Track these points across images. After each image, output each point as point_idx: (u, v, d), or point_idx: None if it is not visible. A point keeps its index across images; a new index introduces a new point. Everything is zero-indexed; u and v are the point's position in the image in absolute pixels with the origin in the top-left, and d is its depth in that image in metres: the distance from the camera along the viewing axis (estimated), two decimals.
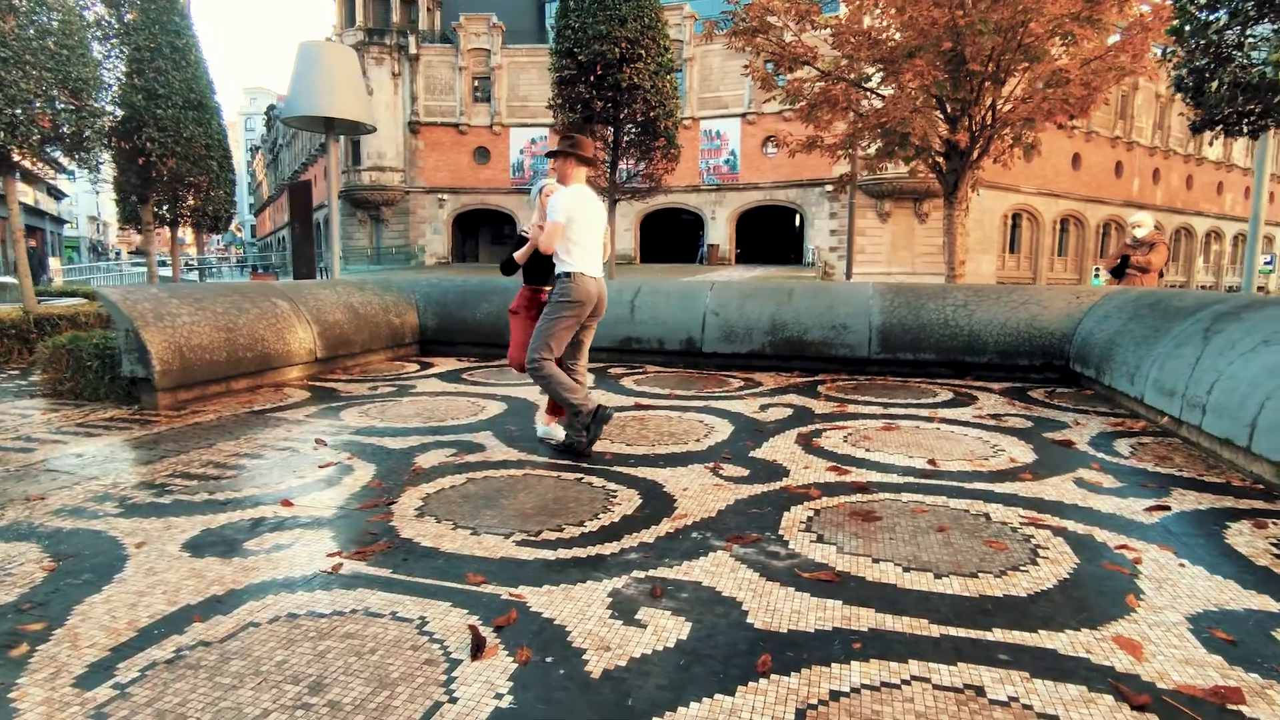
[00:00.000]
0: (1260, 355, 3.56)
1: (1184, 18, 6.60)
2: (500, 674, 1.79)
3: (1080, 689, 1.73)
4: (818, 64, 10.92)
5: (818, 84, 11.17)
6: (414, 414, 4.79)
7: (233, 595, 2.20)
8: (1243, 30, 5.96)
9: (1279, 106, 6.12)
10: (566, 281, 3.71)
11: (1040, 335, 6.19)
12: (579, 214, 3.69)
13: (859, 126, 10.60)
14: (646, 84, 14.40)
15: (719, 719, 1.62)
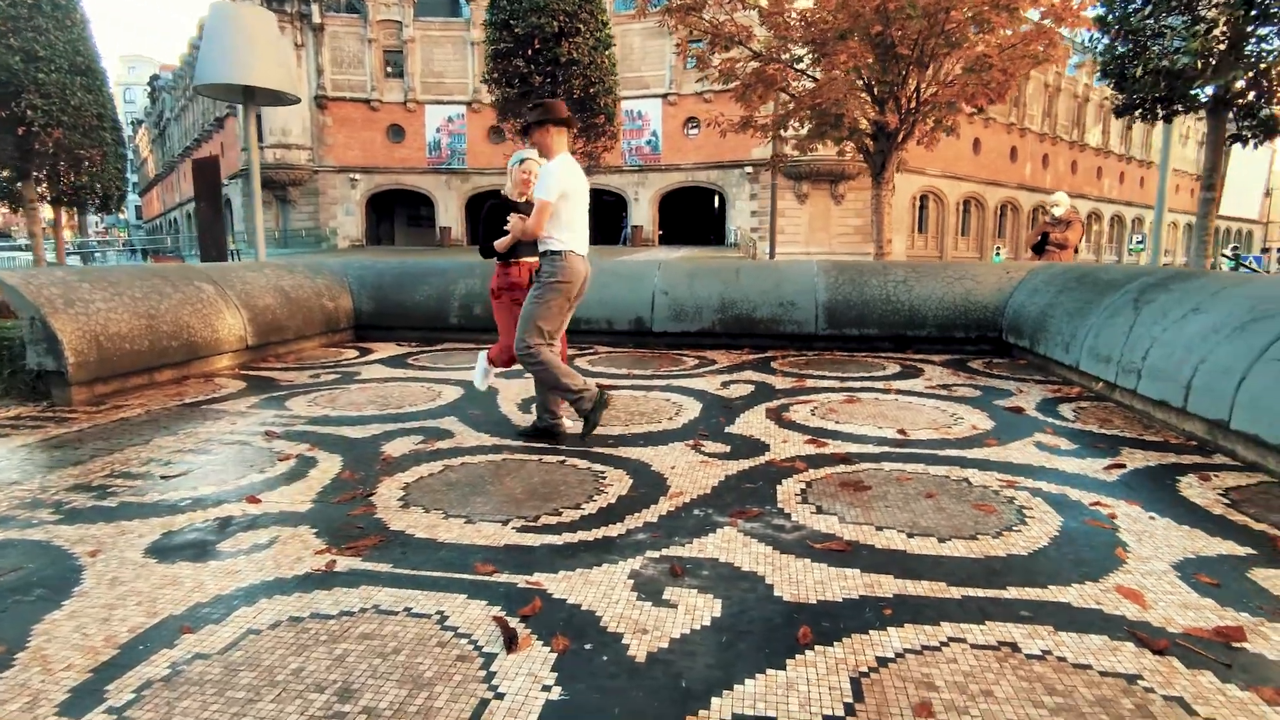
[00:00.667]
0: (1191, 322, 3.85)
1: (1109, 6, 7.02)
2: (541, 665, 1.71)
3: (1103, 639, 1.82)
4: (751, 44, 10.99)
5: (751, 64, 11.25)
6: (367, 401, 4.55)
7: (221, 602, 2.01)
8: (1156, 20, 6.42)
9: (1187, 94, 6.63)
10: (558, 260, 3.48)
11: (975, 309, 6.50)
12: (571, 188, 3.46)
13: (791, 107, 10.77)
14: (585, 59, 14.05)
15: (777, 693, 1.60)
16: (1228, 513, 2.68)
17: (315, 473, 3.14)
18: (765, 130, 12.00)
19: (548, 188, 3.37)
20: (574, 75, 14.27)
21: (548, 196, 3.36)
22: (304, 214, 36.68)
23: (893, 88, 9.74)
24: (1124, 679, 1.65)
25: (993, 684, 1.63)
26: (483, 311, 7.15)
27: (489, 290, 4.16)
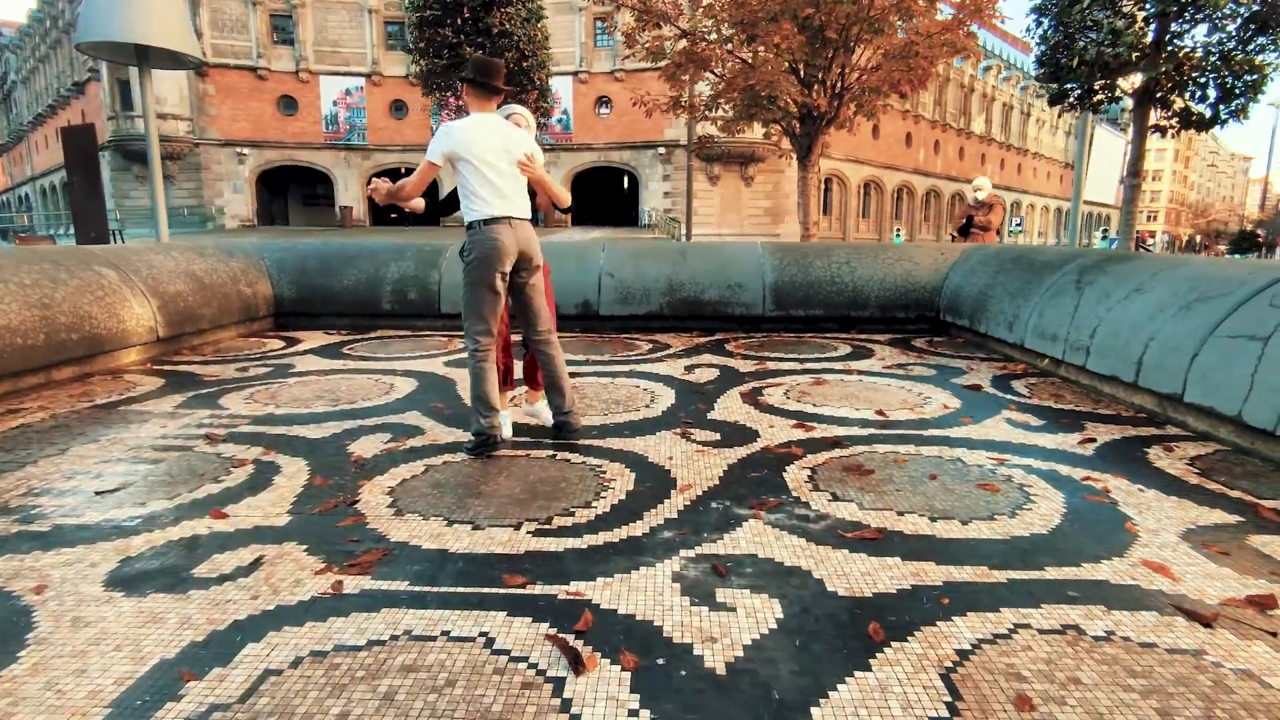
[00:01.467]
0: (1135, 302, 4.09)
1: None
2: (618, 687, 1.57)
3: (1153, 615, 1.86)
4: (680, 22, 10.85)
5: (680, 43, 11.12)
6: (314, 397, 4.17)
7: (220, 639, 1.74)
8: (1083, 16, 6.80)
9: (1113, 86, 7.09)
10: (467, 235, 3.20)
11: (914, 289, 6.72)
12: (471, 151, 3.09)
13: (721, 88, 10.75)
14: (518, 30, 13.35)
15: (874, 697, 1.54)
16: (1203, 481, 2.85)
17: (281, 480, 2.83)
18: (694, 110, 11.95)
19: (430, 148, 3.15)
20: (508, 48, 13.54)
21: (428, 157, 3.16)
22: (185, 190, 33.75)
23: (820, 71, 9.91)
24: (1190, 655, 1.69)
25: (1075, 670, 1.63)
26: (418, 296, 6.76)
27: None
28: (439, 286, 6.77)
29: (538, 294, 3.38)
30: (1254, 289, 3.43)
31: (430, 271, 6.81)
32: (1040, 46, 7.68)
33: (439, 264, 6.85)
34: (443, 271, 6.80)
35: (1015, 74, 57.32)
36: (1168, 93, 7.00)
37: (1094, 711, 1.49)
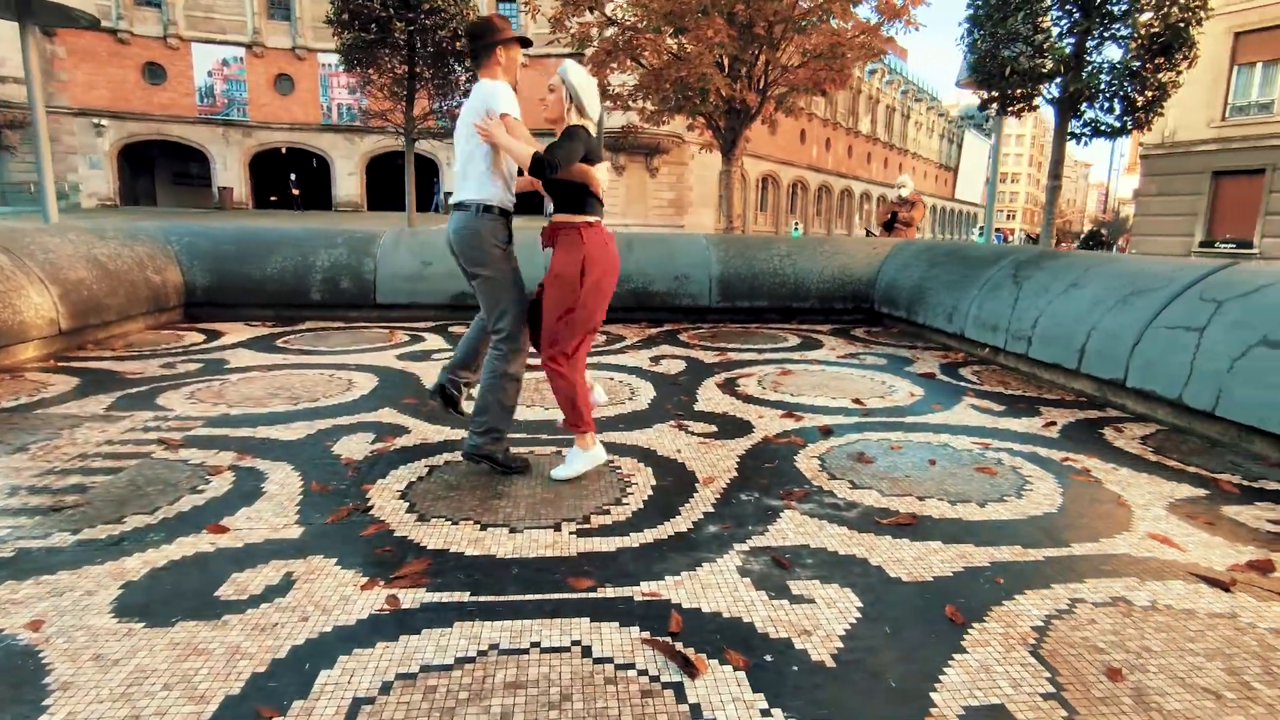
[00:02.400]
0: (1074, 296, 4.44)
1: (985, 7, 7.86)
2: (738, 686, 1.54)
3: (1180, 583, 2.04)
4: (606, 9, 10.68)
5: (607, 31, 10.97)
6: (267, 394, 3.83)
7: (285, 669, 1.57)
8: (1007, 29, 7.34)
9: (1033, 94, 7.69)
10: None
11: (851, 282, 7.00)
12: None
13: (648, 79, 10.71)
14: (450, 6, 12.53)
15: (982, 678, 1.59)
16: (1161, 459, 3.15)
17: (273, 488, 2.58)
18: (619, 101, 11.88)
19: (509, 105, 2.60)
20: (439, 25, 12.68)
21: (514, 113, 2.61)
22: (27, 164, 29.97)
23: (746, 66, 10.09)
24: (1227, 618, 1.86)
25: (1141, 639, 1.76)
26: (351, 286, 6.36)
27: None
28: (374, 275, 6.39)
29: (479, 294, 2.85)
30: (1184, 284, 3.82)
31: (365, 260, 6.41)
32: (970, 55, 8.24)
33: (373, 252, 6.46)
34: (378, 260, 6.42)
35: (896, 78, 60.84)
36: (1080, 104, 7.71)
37: (1174, 676, 1.61)
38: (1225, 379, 3.28)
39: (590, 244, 2.62)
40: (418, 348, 5.24)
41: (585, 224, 2.64)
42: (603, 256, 2.65)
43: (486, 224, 2.71)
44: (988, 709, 1.50)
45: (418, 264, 6.46)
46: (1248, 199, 19.44)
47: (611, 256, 2.71)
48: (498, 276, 2.77)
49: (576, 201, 2.64)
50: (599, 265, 2.63)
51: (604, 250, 2.66)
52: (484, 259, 2.74)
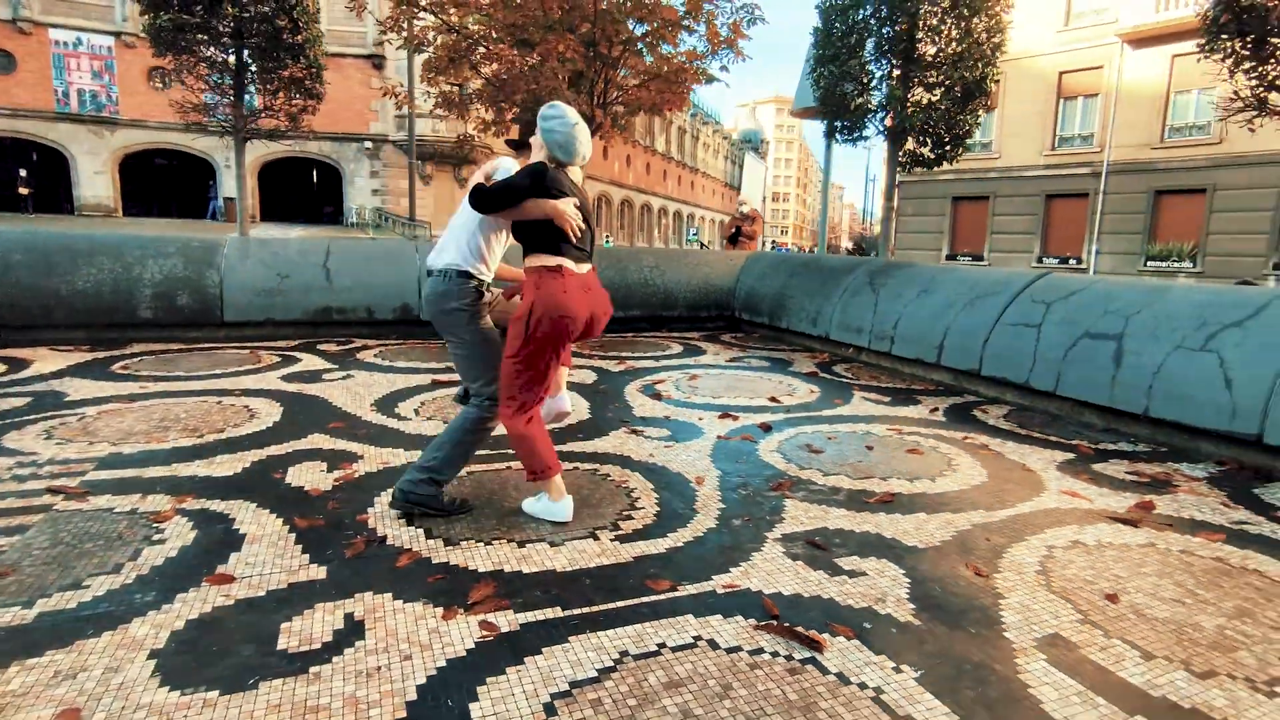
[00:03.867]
0: (927, 301, 5.21)
1: (828, 48, 8.78)
2: (861, 652, 1.71)
3: (1106, 525, 2.55)
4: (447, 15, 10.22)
5: (444, 37, 10.51)
6: (155, 429, 3.29)
7: (427, 710, 1.46)
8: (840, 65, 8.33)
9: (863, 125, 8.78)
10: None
11: (714, 291, 7.49)
12: None
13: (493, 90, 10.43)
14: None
15: (1032, 611, 1.90)
16: (1029, 432, 3.84)
17: (252, 528, 2.28)
18: (463, 110, 11.44)
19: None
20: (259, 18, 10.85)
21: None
22: None
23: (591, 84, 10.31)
24: (1150, 546, 2.38)
25: (1109, 569, 2.20)
26: (192, 301, 5.58)
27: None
28: (220, 290, 5.65)
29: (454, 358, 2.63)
30: (1017, 289, 4.66)
31: (207, 272, 5.65)
32: (817, 89, 9.27)
33: (216, 263, 5.71)
34: (224, 272, 5.69)
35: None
36: (904, 137, 8.98)
37: (1147, 594, 2.05)
38: (1062, 365, 4.07)
39: (541, 289, 2.35)
40: (296, 369, 4.75)
41: (542, 268, 2.37)
42: (552, 303, 2.34)
43: (455, 287, 2.48)
44: (1049, 638, 1.81)
45: (272, 277, 5.83)
46: (979, 220, 23.60)
47: (567, 303, 2.35)
48: (470, 339, 2.50)
49: (543, 244, 2.39)
50: (550, 312, 2.34)
51: (557, 297, 2.34)
52: (454, 322, 2.49)
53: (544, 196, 2.35)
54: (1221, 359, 3.36)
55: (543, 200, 2.35)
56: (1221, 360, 3.36)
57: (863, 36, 8.69)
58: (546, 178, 2.36)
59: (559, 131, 2.42)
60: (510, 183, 2.34)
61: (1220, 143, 18.36)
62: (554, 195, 2.36)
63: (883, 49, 8.63)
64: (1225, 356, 3.36)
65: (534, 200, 2.34)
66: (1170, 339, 3.61)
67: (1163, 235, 19.74)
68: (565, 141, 2.41)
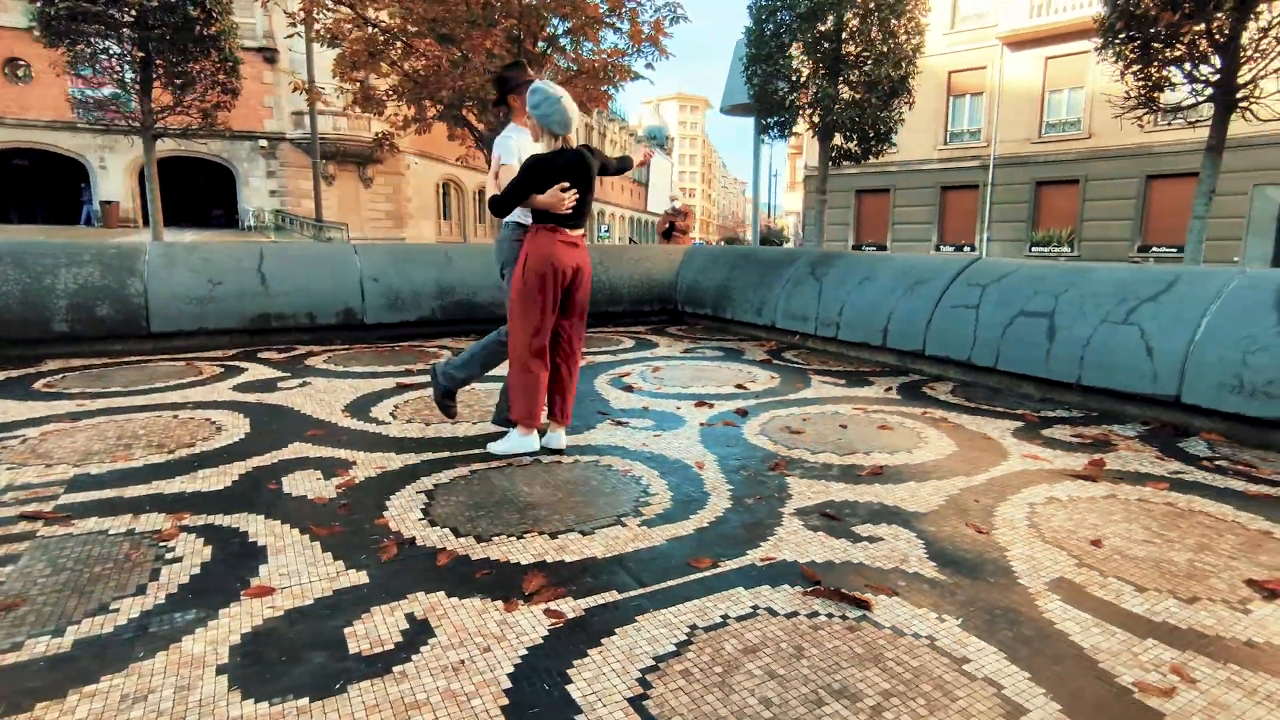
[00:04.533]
0: (870, 288, 5.52)
1: (760, 47, 8.98)
2: (906, 607, 1.86)
3: (1070, 482, 2.84)
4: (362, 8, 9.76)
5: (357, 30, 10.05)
6: (115, 447, 3.08)
7: (526, 697, 1.49)
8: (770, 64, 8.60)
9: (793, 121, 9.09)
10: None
11: (657, 285, 7.62)
12: None
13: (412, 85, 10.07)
14: None
15: (1034, 563, 2.11)
16: (977, 405, 4.16)
17: (270, 540, 2.20)
18: (377, 106, 10.99)
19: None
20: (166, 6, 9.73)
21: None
22: None
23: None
24: (1111, 497, 2.67)
25: (1085, 519, 2.45)
26: (113, 313, 5.19)
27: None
28: (145, 299, 5.28)
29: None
30: (953, 274, 5.02)
31: (129, 280, 5.26)
32: (750, 87, 9.49)
33: (139, 270, 5.33)
34: (148, 280, 5.32)
35: None
36: (831, 134, 9.36)
37: (1122, 536, 2.31)
38: (1000, 342, 4.43)
39: (534, 242, 2.96)
40: (245, 379, 4.53)
41: (539, 226, 2.97)
42: (541, 253, 2.92)
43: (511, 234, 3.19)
44: (1056, 581, 2.02)
45: (203, 284, 5.50)
46: (881, 212, 24.87)
47: (554, 252, 2.93)
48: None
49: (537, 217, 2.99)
50: (537, 259, 2.93)
51: (544, 247, 2.92)
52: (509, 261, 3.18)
53: (534, 191, 2.86)
54: (1142, 330, 3.77)
55: (534, 197, 2.88)
56: (1142, 331, 3.77)
57: (791, 36, 9.07)
58: (532, 177, 2.85)
59: (551, 113, 2.83)
60: (510, 190, 2.89)
61: (1090, 137, 20.12)
62: (542, 187, 2.86)
63: (810, 49, 9.01)
64: (1145, 328, 3.77)
65: (531, 197, 2.89)
66: (1096, 314, 4.01)
67: (1044, 222, 21.45)
68: (559, 118, 2.84)
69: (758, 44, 9.16)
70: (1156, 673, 1.60)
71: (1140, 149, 19.01)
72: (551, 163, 2.87)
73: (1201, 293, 3.70)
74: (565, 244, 2.94)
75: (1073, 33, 19.93)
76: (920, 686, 1.53)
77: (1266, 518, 2.49)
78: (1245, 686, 1.55)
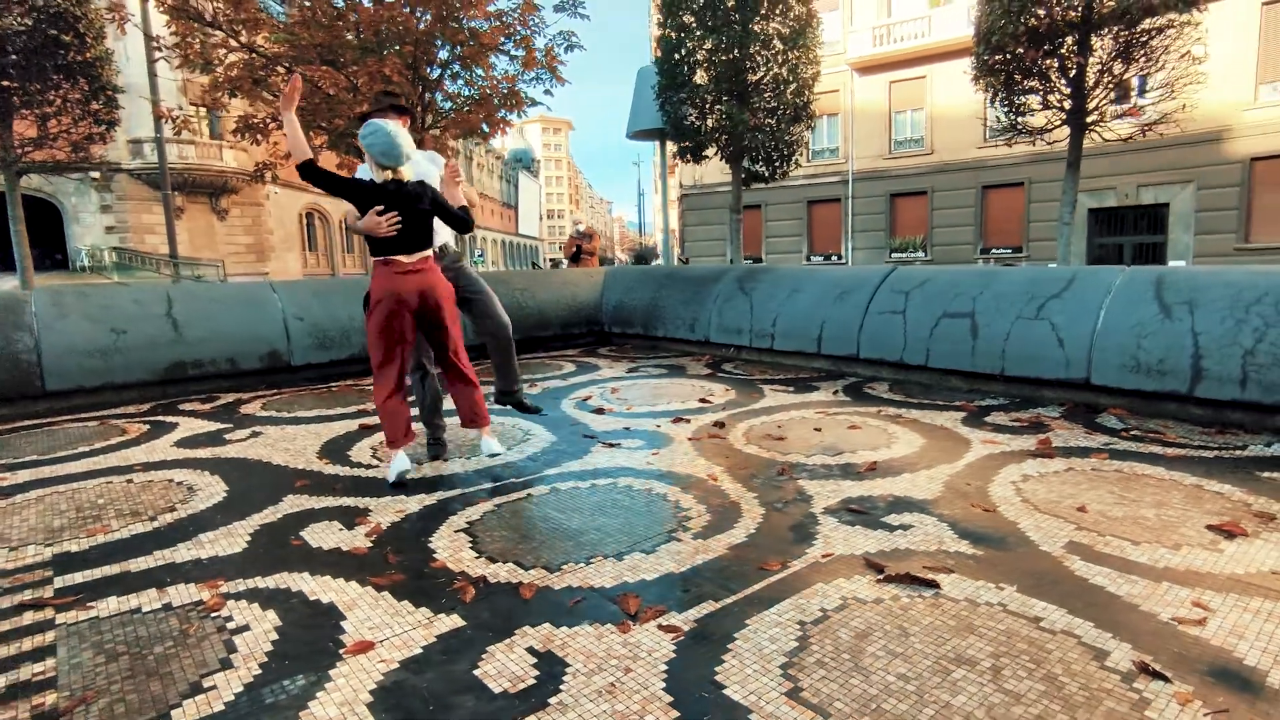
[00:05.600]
0: (799, 299, 5.91)
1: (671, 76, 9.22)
2: (969, 580, 2.09)
3: (1031, 460, 3.24)
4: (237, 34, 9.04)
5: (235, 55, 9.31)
6: (82, 520, 2.77)
7: (683, 706, 1.57)
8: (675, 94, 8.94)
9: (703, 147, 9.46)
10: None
11: (583, 309, 7.71)
12: None
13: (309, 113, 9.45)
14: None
15: (1043, 530, 2.43)
16: (920, 400, 4.58)
17: (335, 597, 2.11)
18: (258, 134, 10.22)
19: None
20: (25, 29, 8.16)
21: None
22: None
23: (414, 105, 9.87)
24: (1069, 469, 3.08)
25: (1062, 488, 2.83)
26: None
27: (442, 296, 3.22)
28: (37, 355, 4.72)
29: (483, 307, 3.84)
30: (876, 283, 5.50)
31: (15, 334, 4.68)
32: (663, 114, 9.76)
33: (25, 322, 4.76)
34: (39, 333, 4.76)
35: None
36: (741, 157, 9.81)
37: (1102, 502, 2.70)
38: (929, 342, 4.92)
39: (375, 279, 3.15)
40: (181, 434, 4.17)
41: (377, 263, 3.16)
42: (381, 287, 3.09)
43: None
44: (1069, 544, 2.33)
45: (105, 333, 4.99)
46: (755, 226, 26.23)
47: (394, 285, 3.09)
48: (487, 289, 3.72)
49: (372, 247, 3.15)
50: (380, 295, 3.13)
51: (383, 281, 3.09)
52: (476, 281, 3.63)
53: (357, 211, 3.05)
54: (1053, 324, 4.34)
55: (352, 226, 3.10)
56: (1053, 325, 4.34)
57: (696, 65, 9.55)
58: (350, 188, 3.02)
59: (373, 143, 2.97)
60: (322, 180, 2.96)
61: (933, 153, 22.33)
62: (361, 209, 3.02)
63: (715, 77, 9.51)
64: (1055, 321, 4.34)
65: (353, 225, 3.09)
66: (1011, 312, 4.56)
67: (900, 230, 23.50)
68: (380, 148, 2.97)
69: (668, 73, 9.58)
70: (1183, 608, 1.91)
71: (976, 163, 21.37)
72: (367, 186, 3.02)
73: (1095, 288, 4.32)
74: (402, 273, 3.07)
75: (911, 59, 22.15)
76: (1017, 645, 1.75)
77: (1192, 474, 2.99)
78: (1250, 609, 1.90)
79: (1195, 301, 3.85)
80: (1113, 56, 8.04)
